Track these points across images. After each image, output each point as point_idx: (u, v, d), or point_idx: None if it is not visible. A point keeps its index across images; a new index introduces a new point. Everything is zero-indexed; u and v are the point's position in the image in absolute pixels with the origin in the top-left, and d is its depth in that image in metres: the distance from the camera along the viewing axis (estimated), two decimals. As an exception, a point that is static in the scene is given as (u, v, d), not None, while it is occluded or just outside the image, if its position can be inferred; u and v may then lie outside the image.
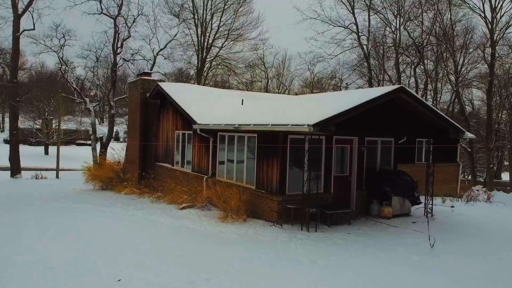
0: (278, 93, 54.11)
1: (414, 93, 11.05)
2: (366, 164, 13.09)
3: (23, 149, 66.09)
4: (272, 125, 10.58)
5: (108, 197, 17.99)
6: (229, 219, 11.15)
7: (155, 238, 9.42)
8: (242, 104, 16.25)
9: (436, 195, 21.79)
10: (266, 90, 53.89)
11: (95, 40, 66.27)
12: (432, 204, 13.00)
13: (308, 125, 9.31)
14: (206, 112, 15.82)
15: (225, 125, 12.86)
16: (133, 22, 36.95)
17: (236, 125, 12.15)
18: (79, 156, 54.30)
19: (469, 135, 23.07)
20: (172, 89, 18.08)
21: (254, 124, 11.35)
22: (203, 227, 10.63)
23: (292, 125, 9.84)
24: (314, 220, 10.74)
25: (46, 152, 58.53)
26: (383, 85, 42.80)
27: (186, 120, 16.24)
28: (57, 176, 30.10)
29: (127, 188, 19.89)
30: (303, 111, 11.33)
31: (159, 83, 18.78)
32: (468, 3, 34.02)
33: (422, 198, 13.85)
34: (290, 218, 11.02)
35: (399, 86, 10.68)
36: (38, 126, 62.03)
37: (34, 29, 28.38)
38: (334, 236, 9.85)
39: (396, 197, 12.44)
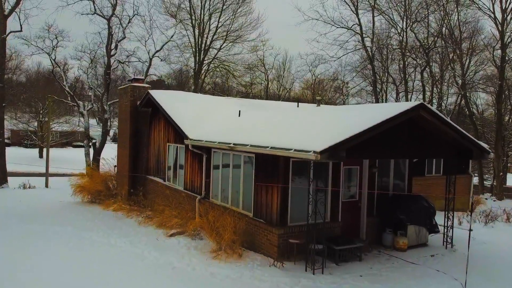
0: (278, 95, 52.64)
1: (436, 110, 9.60)
2: (378, 187, 11.65)
3: (17, 151, 64.84)
4: (271, 147, 9.13)
5: (94, 215, 16.56)
6: (222, 255, 9.69)
7: (133, 283, 7.98)
8: (239, 115, 14.80)
9: (443, 208, 20.40)
10: (267, 92, 52.47)
11: (89, 41, 64.80)
12: (452, 234, 11.53)
13: (314, 151, 7.86)
14: (199, 125, 14.37)
15: (218, 143, 11.41)
16: (128, 23, 35.56)
17: (231, 145, 10.70)
18: (75, 159, 53.09)
19: (485, 146, 21.88)
20: (163, 97, 16.62)
21: (251, 145, 9.90)
22: (192, 265, 9.18)
23: (295, 150, 8.39)
24: (320, 256, 9.29)
25: (41, 155, 57.06)
26: (386, 87, 41.36)
27: (178, 133, 14.79)
28: (47, 185, 28.66)
29: (116, 203, 18.46)
30: (307, 131, 9.85)
31: (150, 91, 17.31)
32: (477, 3, 32.57)
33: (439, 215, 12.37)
34: (293, 254, 9.57)
35: (419, 103, 9.22)
36: (31, 128, 60.60)
37: (21, 30, 26.94)
38: (344, 280, 8.39)
39: (412, 226, 10.99)
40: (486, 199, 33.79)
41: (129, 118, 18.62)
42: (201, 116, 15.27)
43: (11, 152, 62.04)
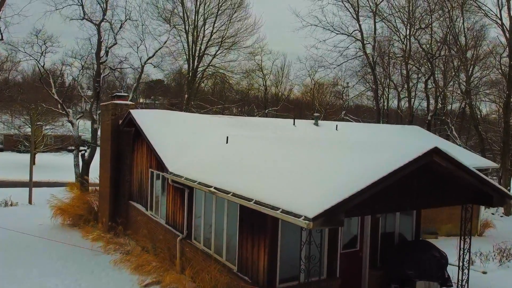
0: (277, 98, 51.03)
1: (451, 154, 8.12)
2: (382, 233, 10.19)
3: (10, 157, 63.28)
4: (256, 202, 7.64)
5: (68, 248, 15.09)
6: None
7: None
8: (227, 142, 13.31)
9: (451, 234, 18.91)
10: (265, 96, 50.95)
11: (80, 46, 63.08)
12: (467, 280, 10.03)
13: (306, 218, 6.37)
14: (184, 152, 12.91)
15: (198, 183, 9.93)
16: (120, 28, 34.10)
17: (212, 189, 9.22)
18: (68, 165, 51.26)
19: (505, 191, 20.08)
20: (146, 119, 15.15)
21: (233, 194, 8.42)
22: None
23: (283, 211, 6.90)
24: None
25: (33, 162, 55.42)
26: (388, 93, 39.84)
27: (160, 160, 13.32)
28: (30, 201, 27.18)
29: (96, 232, 17.03)
30: (300, 175, 8.33)
31: (132, 111, 15.83)
32: (483, 10, 31.03)
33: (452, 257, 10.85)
34: (282, 323, 8.12)
35: (432, 147, 7.74)
36: (20, 132, 59.05)
37: (1, 39, 25.41)
38: None
39: (421, 281, 9.51)
40: (493, 214, 32.30)
41: (110, 138, 17.15)
42: (186, 142, 13.80)
43: (3, 159, 60.62)
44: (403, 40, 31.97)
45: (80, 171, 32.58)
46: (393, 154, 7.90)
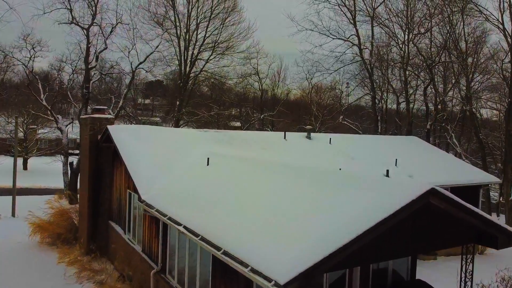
0: (274, 104, 49.94)
1: (449, 195, 7.09)
2: (374, 270, 9.15)
3: (4, 160, 62.22)
4: (224, 252, 6.61)
5: (40, 275, 14.09)
6: None
7: None
8: (207, 164, 12.28)
9: (451, 253, 17.91)
10: (261, 102, 49.90)
11: (71, 51, 61.64)
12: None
13: (276, 283, 5.34)
14: (161, 175, 11.90)
15: (168, 218, 8.91)
16: (110, 32, 33.05)
17: (181, 228, 8.20)
18: (61, 171, 49.99)
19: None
20: (123, 136, 14.12)
21: (202, 238, 7.40)
22: None
23: (251, 269, 5.86)
24: None
25: (25, 167, 54.53)
26: (387, 97, 38.75)
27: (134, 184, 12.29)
28: (13, 214, 26.11)
29: (73, 254, 16.05)
30: (277, 219, 7.31)
31: (109, 127, 14.80)
32: (484, 14, 30.00)
33: None
34: None
35: (428, 188, 6.70)
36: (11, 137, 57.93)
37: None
38: None
39: (417, 330, 8.49)
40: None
41: (88, 155, 16.12)
42: (165, 162, 12.79)
43: (-5, 164, 59.39)
44: (401, 46, 30.92)
45: (69, 179, 31.60)
46: (386, 195, 6.88)
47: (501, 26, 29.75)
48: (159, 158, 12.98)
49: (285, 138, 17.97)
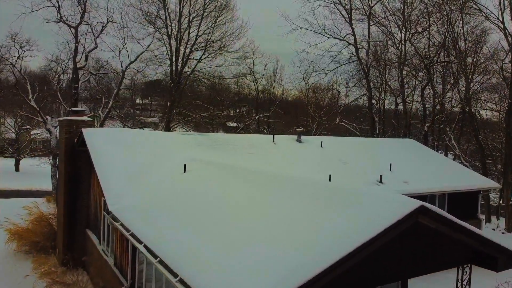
0: (269, 104, 49.02)
1: (441, 213, 6.19)
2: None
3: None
4: (180, 280, 5.72)
5: (9, 286, 13.22)
6: None
7: None
8: (184, 171, 11.38)
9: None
10: (257, 103, 49.04)
11: (61, 50, 60.66)
12: None
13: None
14: (134, 184, 11.00)
15: (131, 234, 8.03)
16: (101, 31, 32.15)
17: (141, 247, 7.31)
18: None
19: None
20: (98, 140, 13.24)
21: (159, 260, 6.51)
22: None
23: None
24: None
25: (17, 169, 53.58)
26: (385, 98, 37.79)
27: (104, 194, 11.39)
28: (-4, 218, 25.17)
29: (48, 264, 15.15)
30: (253, 248, 6.40)
31: (84, 130, 13.91)
32: (484, 13, 29.09)
33: None
34: None
35: (417, 206, 5.80)
36: (10, 136, 57.02)
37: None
38: None
39: None
40: (494, 229, 30.38)
41: (64, 158, 15.24)
42: (141, 168, 11.91)
43: (-12, 164, 58.53)
44: (398, 45, 30.00)
45: (57, 182, 30.73)
46: (369, 213, 5.98)
47: (501, 25, 28.83)
48: (134, 165, 12.09)
49: (273, 141, 17.08)
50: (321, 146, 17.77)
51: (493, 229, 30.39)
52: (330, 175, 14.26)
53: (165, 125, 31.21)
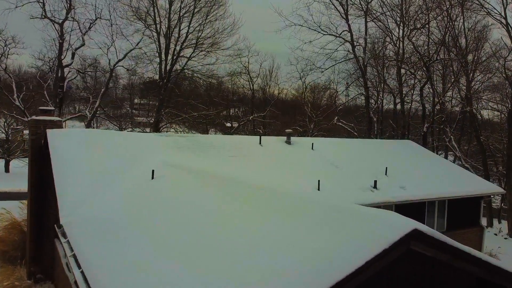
0: (265, 104, 47.76)
1: (438, 237, 4.95)
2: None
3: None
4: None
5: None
6: None
7: None
8: (152, 178, 10.15)
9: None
10: (252, 102, 47.83)
11: (48, 48, 59.05)
12: None
13: None
14: (93, 194, 9.78)
15: (73, 255, 6.81)
16: (89, 28, 30.95)
17: (77, 273, 6.09)
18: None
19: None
20: (62, 142, 12.02)
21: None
22: None
23: None
24: None
25: (7, 170, 52.31)
26: (383, 98, 36.52)
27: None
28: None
29: (13, 276, 13.98)
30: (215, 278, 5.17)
31: (49, 130, 12.69)
32: (486, 8, 27.87)
33: None
34: None
35: (409, 231, 4.57)
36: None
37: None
38: None
39: None
40: (496, 234, 29.16)
41: (31, 162, 14.01)
42: (105, 176, 10.68)
43: (-23, 165, 57.25)
44: (395, 42, 28.76)
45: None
46: (351, 238, 4.76)
47: (503, 21, 27.62)
48: (100, 169, 10.87)
49: (260, 143, 15.86)
50: (312, 148, 16.55)
51: (495, 234, 29.15)
52: (319, 181, 13.06)
53: (153, 126, 30.00)
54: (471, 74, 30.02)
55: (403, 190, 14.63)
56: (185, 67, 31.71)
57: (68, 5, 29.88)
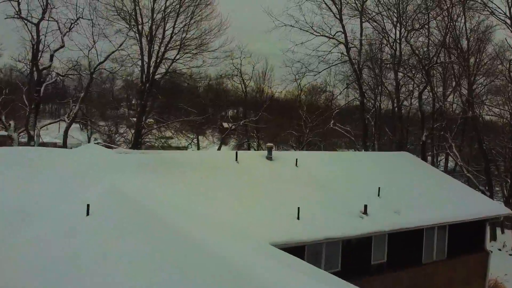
0: (259, 107, 45.83)
1: None
2: None
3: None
4: None
5: None
6: None
7: None
8: (87, 213, 8.30)
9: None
10: (244, 105, 46.04)
11: (28, 49, 57.03)
12: None
13: None
14: (8, 233, 7.95)
15: None
16: (69, 29, 29.03)
17: None
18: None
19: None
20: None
21: None
22: None
23: None
24: None
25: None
26: (380, 101, 34.60)
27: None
28: None
29: None
30: None
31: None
32: (489, 7, 26.05)
33: None
34: None
35: None
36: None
37: None
38: None
39: None
40: (500, 249, 27.37)
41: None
42: (31, 208, 8.85)
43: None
44: (392, 44, 26.92)
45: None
46: None
47: (508, 21, 25.87)
48: (23, 201, 9.03)
49: (236, 159, 13.99)
50: (296, 164, 14.70)
51: (499, 249, 27.38)
52: (298, 208, 11.23)
53: (134, 134, 28.11)
54: (473, 78, 28.23)
55: (398, 216, 12.82)
56: (169, 70, 29.87)
57: (45, 4, 27.97)
